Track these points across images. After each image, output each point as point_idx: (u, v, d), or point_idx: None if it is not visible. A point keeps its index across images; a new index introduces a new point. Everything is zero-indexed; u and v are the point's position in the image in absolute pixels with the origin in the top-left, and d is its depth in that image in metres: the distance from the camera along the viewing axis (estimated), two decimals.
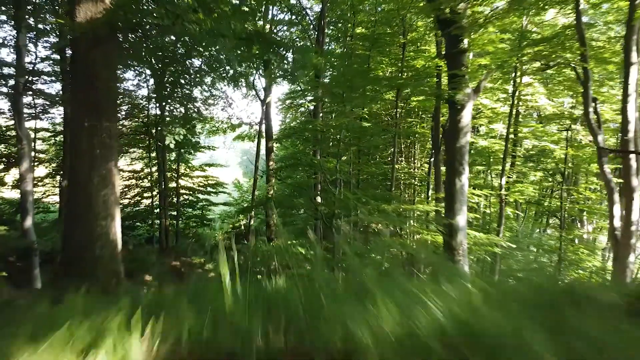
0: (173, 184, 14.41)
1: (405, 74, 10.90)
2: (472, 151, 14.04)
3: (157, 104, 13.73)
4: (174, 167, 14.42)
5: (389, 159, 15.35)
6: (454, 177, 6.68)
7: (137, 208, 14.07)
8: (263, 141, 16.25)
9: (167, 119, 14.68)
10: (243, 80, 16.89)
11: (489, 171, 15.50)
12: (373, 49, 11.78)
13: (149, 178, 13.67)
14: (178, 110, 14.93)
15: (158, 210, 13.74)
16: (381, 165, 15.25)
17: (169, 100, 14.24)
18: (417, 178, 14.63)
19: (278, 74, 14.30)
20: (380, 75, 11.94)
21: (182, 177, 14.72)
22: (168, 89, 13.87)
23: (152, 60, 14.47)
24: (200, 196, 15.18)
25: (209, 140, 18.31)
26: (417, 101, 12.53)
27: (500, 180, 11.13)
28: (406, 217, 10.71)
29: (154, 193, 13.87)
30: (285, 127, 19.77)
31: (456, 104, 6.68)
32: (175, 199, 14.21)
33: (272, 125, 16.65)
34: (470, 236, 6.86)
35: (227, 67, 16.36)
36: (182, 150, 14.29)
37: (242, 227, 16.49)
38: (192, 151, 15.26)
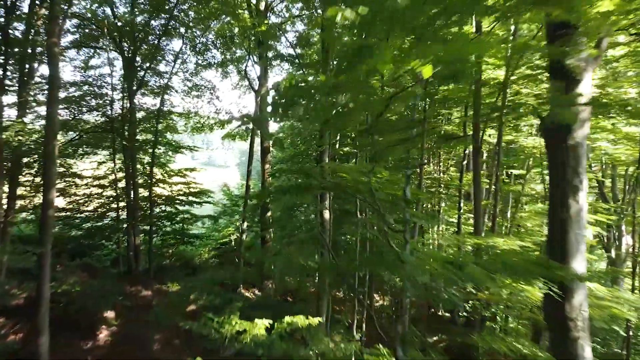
0: (146, 193, 11.71)
1: None
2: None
3: (126, 94, 11.06)
4: (147, 172, 11.73)
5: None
6: (566, 195, 4.04)
7: (101, 223, 11.35)
8: (258, 140, 13.60)
9: (139, 113, 12.03)
10: (234, 67, 14.30)
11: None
12: None
13: (115, 186, 10.97)
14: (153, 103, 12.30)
15: (126, 225, 11.05)
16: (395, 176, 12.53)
17: (141, 90, 11.57)
18: (443, 185, 11.98)
19: (275, 56, 11.70)
20: None
21: (158, 184, 12.03)
22: (140, 76, 11.22)
23: (119, 38, 11.81)
24: (181, 207, 12.48)
25: (190, 138, 15.55)
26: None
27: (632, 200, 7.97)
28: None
29: (122, 204, 11.16)
30: (283, 129, 17.14)
31: (568, 74, 4.05)
32: (148, 211, 11.50)
33: (268, 123, 14.00)
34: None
35: (215, 51, 13.78)
36: (156, 152, 11.60)
37: (232, 242, 13.81)
38: (171, 152, 12.59)
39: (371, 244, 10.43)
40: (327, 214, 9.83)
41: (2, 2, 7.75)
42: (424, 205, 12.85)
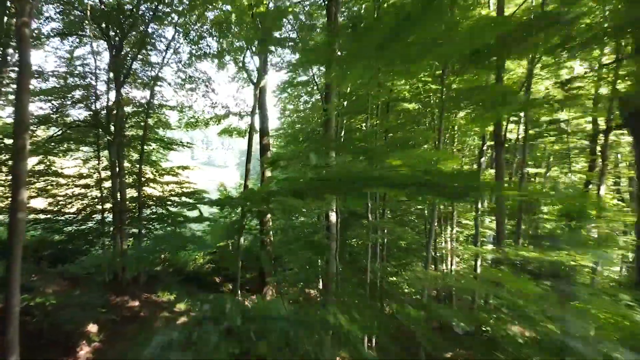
0: (134, 193, 10.73)
1: None
2: None
3: (112, 86, 10.08)
4: (135, 171, 10.75)
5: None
6: None
7: (84, 226, 10.36)
8: (256, 137, 12.64)
9: (127, 107, 11.05)
10: (231, 57, 13.32)
11: None
12: None
13: (100, 186, 9.99)
14: (143, 96, 11.32)
15: (113, 228, 10.07)
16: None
17: (129, 80, 10.60)
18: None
19: (275, 42, 10.68)
20: None
21: (148, 184, 11.05)
22: (127, 66, 10.25)
23: (105, 24, 10.83)
24: (174, 209, 11.49)
25: (187, 135, 14.54)
26: None
27: None
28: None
29: (108, 206, 10.18)
30: (285, 126, 16.15)
31: None
32: (137, 213, 10.52)
33: (267, 116, 13.03)
34: None
35: (210, 39, 12.79)
36: (146, 148, 10.63)
37: (229, 246, 12.81)
38: (162, 150, 11.61)
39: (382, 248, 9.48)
40: (333, 217, 8.87)
41: None
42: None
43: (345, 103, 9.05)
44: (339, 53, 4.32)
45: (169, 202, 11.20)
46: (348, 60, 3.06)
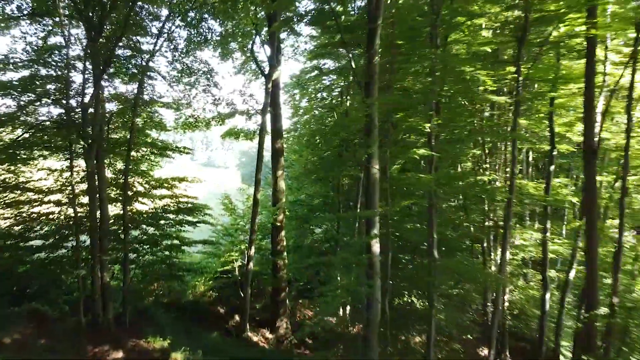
0: (119, 210, 8.64)
1: None
2: None
3: (89, 74, 7.98)
4: (119, 182, 8.64)
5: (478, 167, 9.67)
6: None
7: (56, 253, 8.26)
8: (268, 139, 10.56)
9: (110, 104, 8.97)
10: (236, 44, 11.19)
11: None
12: None
13: (74, 203, 7.89)
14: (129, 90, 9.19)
15: (90, 256, 7.98)
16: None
17: (112, 71, 8.52)
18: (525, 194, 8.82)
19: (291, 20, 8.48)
20: None
21: (137, 199, 8.94)
22: (109, 52, 8.14)
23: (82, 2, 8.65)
24: (169, 229, 9.39)
25: (187, 138, 12.34)
26: None
27: None
28: None
29: (82, 228, 8.08)
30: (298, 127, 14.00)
31: None
32: (122, 235, 8.42)
33: (281, 115, 10.93)
34: None
35: (212, 21, 10.64)
36: (133, 155, 8.54)
37: (236, 271, 10.72)
38: (154, 156, 9.50)
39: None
40: (376, 247, 6.79)
41: None
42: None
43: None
44: None
45: (162, 221, 9.09)
46: None
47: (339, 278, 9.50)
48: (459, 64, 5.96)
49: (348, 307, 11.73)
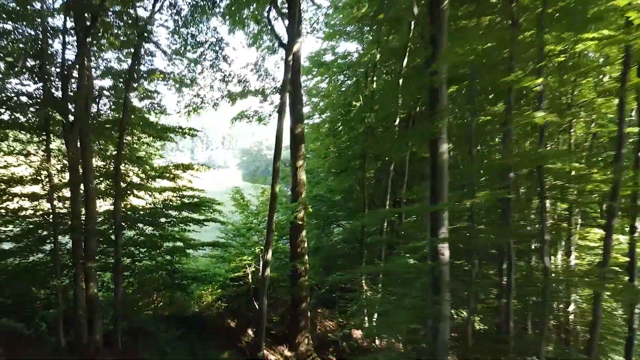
0: (109, 206, 7.06)
1: None
2: None
3: (72, 38, 6.40)
4: (110, 171, 7.05)
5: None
6: None
7: (31, 259, 6.66)
8: (286, 123, 8.96)
9: (100, 80, 7.39)
10: (249, 12, 9.56)
11: None
12: None
13: (50, 196, 6.30)
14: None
15: (72, 262, 6.39)
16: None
17: (100, 34, 6.94)
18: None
19: None
20: None
21: (132, 192, 7.33)
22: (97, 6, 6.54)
23: None
24: (172, 228, 7.79)
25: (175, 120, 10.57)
26: None
27: None
28: None
29: (62, 227, 6.49)
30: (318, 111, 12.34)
31: None
32: (113, 237, 6.81)
33: (302, 96, 9.36)
34: None
35: None
36: (126, 140, 6.94)
37: (249, 278, 9.12)
38: (152, 140, 7.90)
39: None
40: (446, 253, 5.24)
41: None
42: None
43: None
44: None
45: (163, 219, 7.50)
46: None
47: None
48: None
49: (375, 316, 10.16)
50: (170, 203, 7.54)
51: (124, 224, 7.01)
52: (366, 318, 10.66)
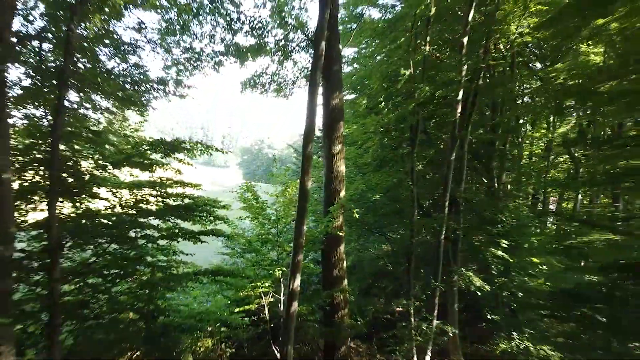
0: (38, 214, 4.24)
1: None
2: None
3: None
4: (37, 155, 4.24)
5: None
6: None
7: None
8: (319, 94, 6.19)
9: None
10: None
11: None
12: None
13: None
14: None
15: None
16: None
17: None
18: None
19: None
20: None
21: (84, 190, 4.50)
22: None
23: None
24: (149, 246, 4.96)
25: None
26: None
27: None
28: None
29: None
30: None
31: None
32: (47, 259, 3.99)
33: (340, 51, 6.57)
34: None
35: None
36: (69, 100, 4.13)
37: (265, 311, 6.32)
38: (121, 105, 5.06)
39: None
40: None
41: None
42: None
43: None
44: None
45: (136, 233, 4.68)
46: None
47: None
48: None
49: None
50: (146, 207, 4.71)
51: (65, 241, 4.18)
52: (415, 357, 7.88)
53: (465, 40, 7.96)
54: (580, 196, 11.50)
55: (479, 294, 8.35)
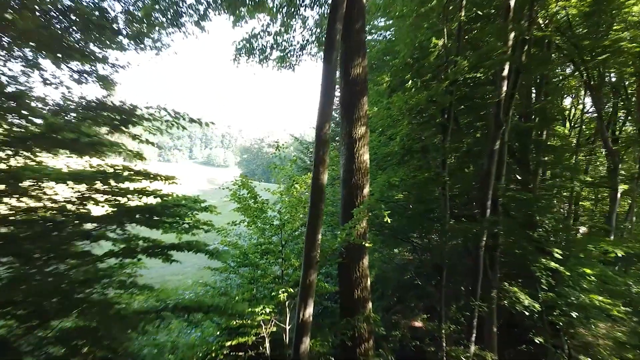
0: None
1: None
2: None
3: None
4: None
5: None
6: None
7: None
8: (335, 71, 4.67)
9: None
10: None
11: None
12: None
13: None
14: None
15: None
16: None
17: None
18: None
19: None
20: None
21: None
22: None
23: None
24: (106, 264, 3.43)
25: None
26: None
27: None
28: None
29: None
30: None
31: None
32: None
33: (364, 8, 5.06)
34: None
35: None
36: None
37: (265, 345, 4.81)
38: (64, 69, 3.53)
39: None
40: None
41: None
42: None
43: None
44: None
45: (71, 242, 3.15)
46: None
47: None
48: None
49: None
50: (84, 210, 3.17)
51: None
52: None
53: (512, 1, 6.48)
54: (619, 195, 10.01)
55: (527, 313, 6.87)
